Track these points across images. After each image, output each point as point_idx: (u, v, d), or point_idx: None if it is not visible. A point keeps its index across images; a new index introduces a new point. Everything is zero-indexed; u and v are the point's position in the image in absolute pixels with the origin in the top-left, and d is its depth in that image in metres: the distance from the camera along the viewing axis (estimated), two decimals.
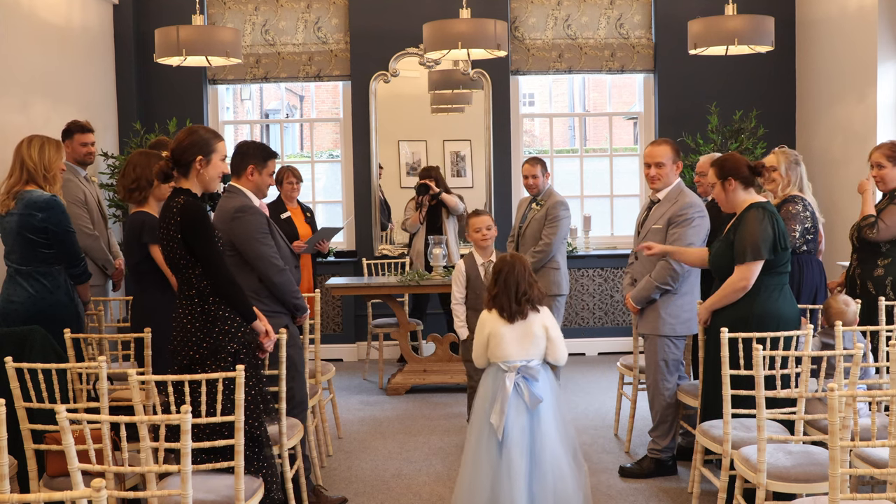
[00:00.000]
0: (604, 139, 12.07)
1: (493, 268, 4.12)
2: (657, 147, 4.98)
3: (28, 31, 6.19)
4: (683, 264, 4.74)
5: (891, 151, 5.06)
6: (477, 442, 3.97)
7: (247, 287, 4.17)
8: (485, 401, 3.99)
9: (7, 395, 3.43)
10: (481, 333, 4.04)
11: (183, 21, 6.57)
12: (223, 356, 3.57)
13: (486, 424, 3.93)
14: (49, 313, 4.55)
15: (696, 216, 4.80)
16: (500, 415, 3.89)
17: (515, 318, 3.98)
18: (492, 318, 4.03)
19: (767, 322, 4.14)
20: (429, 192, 7.30)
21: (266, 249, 4.22)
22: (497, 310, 4.02)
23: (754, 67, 7.90)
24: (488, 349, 4.02)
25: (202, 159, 3.60)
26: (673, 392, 4.89)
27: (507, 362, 3.95)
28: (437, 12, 7.19)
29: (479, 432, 3.97)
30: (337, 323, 8.18)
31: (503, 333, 3.98)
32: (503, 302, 4.00)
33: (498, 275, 4.04)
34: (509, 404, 3.89)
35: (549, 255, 6.11)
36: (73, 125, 5.85)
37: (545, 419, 3.94)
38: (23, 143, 4.71)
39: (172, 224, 3.54)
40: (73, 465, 2.65)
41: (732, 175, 4.28)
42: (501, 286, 4.01)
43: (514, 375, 3.93)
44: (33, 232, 4.56)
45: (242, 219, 4.21)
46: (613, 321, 8.20)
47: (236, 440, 3.24)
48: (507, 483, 3.84)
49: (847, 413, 3.18)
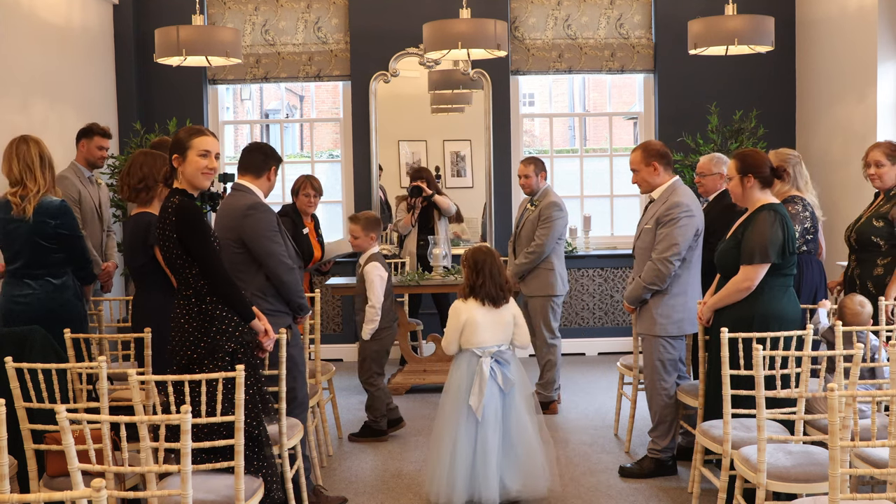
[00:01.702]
0: (604, 139, 12.07)
1: (469, 260, 4.44)
2: (632, 154, 5.02)
3: (28, 31, 6.19)
4: (670, 264, 4.72)
5: (890, 150, 5.07)
6: (456, 424, 4.28)
7: (253, 286, 4.18)
8: (459, 385, 4.33)
9: (7, 395, 3.43)
10: (457, 321, 4.37)
11: (183, 21, 6.57)
12: (220, 355, 3.57)
13: (465, 407, 4.28)
14: (59, 313, 4.53)
15: (683, 216, 4.77)
16: (479, 396, 4.25)
17: (500, 303, 4.38)
18: (468, 307, 4.38)
19: (770, 322, 4.14)
20: (421, 194, 7.30)
21: (277, 247, 4.23)
22: (480, 298, 4.37)
23: (754, 67, 7.90)
24: (462, 336, 4.36)
25: (178, 157, 3.63)
26: (671, 392, 4.89)
27: (482, 348, 4.34)
28: (437, 12, 7.18)
29: (457, 415, 4.29)
30: (337, 323, 8.17)
31: (479, 321, 4.35)
32: (490, 290, 4.37)
33: (480, 265, 4.39)
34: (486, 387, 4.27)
35: (542, 255, 6.12)
36: (96, 127, 5.88)
37: (516, 399, 4.37)
38: (21, 147, 4.55)
39: (168, 224, 3.56)
40: (73, 465, 2.65)
41: (753, 172, 4.25)
42: (486, 275, 4.37)
43: (489, 360, 4.31)
44: (46, 239, 4.53)
45: (254, 216, 4.21)
46: (613, 321, 8.20)
47: (236, 440, 3.24)
48: (483, 460, 4.25)
49: (847, 413, 3.18)
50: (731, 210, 5.05)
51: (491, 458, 4.25)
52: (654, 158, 4.92)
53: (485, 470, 4.24)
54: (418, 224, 7.41)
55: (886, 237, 5.01)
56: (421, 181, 7.34)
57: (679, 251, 4.74)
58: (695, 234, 4.81)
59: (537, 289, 6.22)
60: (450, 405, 4.35)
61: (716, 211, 5.23)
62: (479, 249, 4.48)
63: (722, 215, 5.11)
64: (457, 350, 4.42)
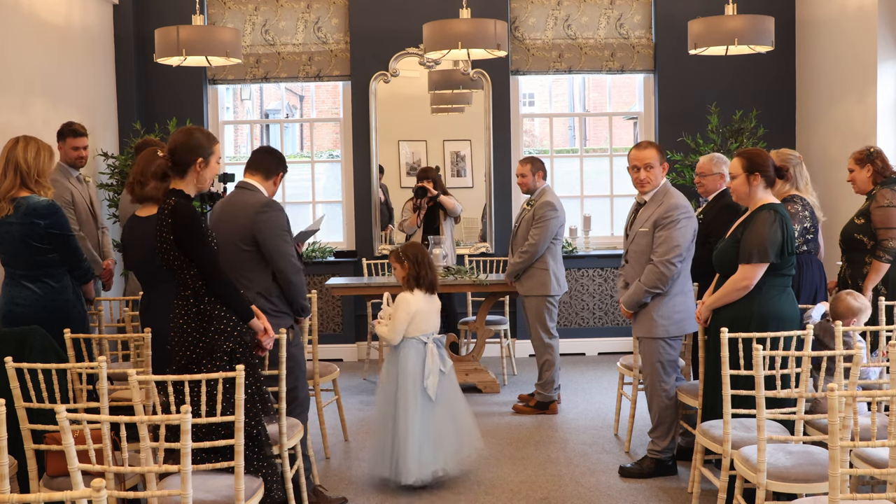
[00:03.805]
0: (604, 139, 12.07)
1: (409, 254, 4.80)
2: (644, 150, 4.88)
3: (28, 31, 6.19)
4: (673, 267, 4.72)
5: (859, 155, 5.28)
6: (414, 407, 4.65)
7: (258, 285, 4.18)
8: (411, 371, 4.70)
9: (7, 395, 3.43)
10: (407, 313, 4.72)
11: (183, 21, 6.57)
12: (219, 355, 3.58)
13: (419, 390, 4.68)
14: (59, 314, 4.53)
15: (682, 217, 4.75)
16: (434, 378, 4.70)
17: (436, 289, 4.84)
18: (416, 298, 4.77)
19: (768, 322, 4.14)
20: (427, 194, 7.30)
21: (288, 247, 4.26)
22: (423, 287, 4.78)
23: (754, 67, 7.90)
24: (410, 326, 4.72)
25: (202, 161, 3.67)
26: (671, 393, 4.89)
27: (427, 335, 4.77)
28: (437, 12, 7.19)
29: (413, 399, 4.66)
30: (337, 323, 8.18)
31: (425, 310, 4.77)
32: (432, 278, 4.82)
33: (419, 258, 4.80)
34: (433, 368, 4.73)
35: (536, 255, 6.13)
36: (66, 128, 5.85)
37: (451, 375, 4.88)
38: (17, 145, 4.55)
39: (165, 226, 3.57)
40: (73, 465, 2.65)
41: (760, 171, 4.25)
42: (426, 266, 4.80)
43: (433, 345, 4.75)
44: (37, 240, 4.51)
45: (269, 214, 4.22)
46: (613, 321, 8.20)
47: (236, 440, 3.24)
48: (440, 435, 4.71)
49: (847, 413, 3.18)
50: (730, 210, 5.06)
51: (445, 432, 4.74)
52: (665, 159, 4.93)
53: (443, 443, 4.71)
54: (424, 224, 7.40)
55: (868, 234, 5.10)
56: (427, 181, 7.33)
57: (681, 252, 4.73)
58: (693, 235, 4.81)
59: (532, 288, 6.22)
60: (402, 390, 4.70)
61: (715, 211, 5.23)
62: (412, 245, 4.93)
63: (721, 215, 5.11)
64: (401, 339, 4.75)
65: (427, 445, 4.67)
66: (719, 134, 7.59)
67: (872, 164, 5.20)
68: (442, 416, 4.75)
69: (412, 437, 4.63)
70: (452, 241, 7.50)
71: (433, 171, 7.52)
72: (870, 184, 5.23)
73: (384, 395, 4.80)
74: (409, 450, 4.62)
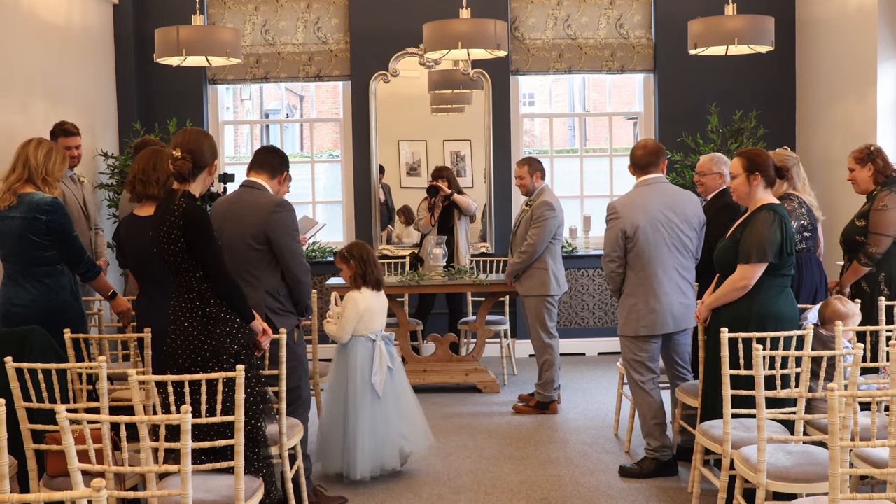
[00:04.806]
0: (604, 139, 12.07)
1: (354, 253, 4.87)
2: (651, 149, 5.02)
3: (28, 31, 6.18)
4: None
5: (859, 154, 5.24)
6: (362, 403, 4.75)
7: (266, 284, 4.20)
8: (356, 367, 4.78)
9: (7, 395, 3.43)
10: (356, 311, 4.79)
11: (183, 21, 6.56)
12: (225, 357, 3.58)
13: (367, 385, 4.77)
14: (55, 315, 4.52)
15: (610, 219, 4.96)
16: (381, 375, 4.79)
17: (382, 286, 4.91)
18: (364, 296, 4.83)
19: (767, 322, 4.14)
20: (439, 193, 7.29)
21: (300, 247, 4.31)
22: (370, 285, 4.85)
23: (754, 67, 7.90)
24: (359, 324, 4.79)
25: (217, 163, 3.79)
26: (648, 390, 4.95)
27: (375, 332, 4.85)
28: (437, 12, 7.18)
29: (361, 395, 4.76)
30: None
31: (374, 308, 4.85)
32: (378, 275, 4.89)
33: (365, 256, 4.88)
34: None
35: (534, 255, 6.15)
36: (58, 128, 5.85)
37: (400, 373, 4.98)
38: (31, 143, 4.65)
39: (174, 227, 3.55)
40: (73, 465, 2.65)
41: (760, 171, 4.25)
42: (371, 263, 4.88)
43: (381, 342, 4.83)
44: (37, 234, 4.52)
45: (283, 213, 4.24)
46: (613, 321, 8.20)
47: (236, 440, 3.24)
48: (385, 431, 4.81)
49: (847, 413, 3.18)
50: (730, 209, 5.06)
51: (393, 428, 4.85)
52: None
53: (388, 440, 4.83)
54: (438, 223, 7.40)
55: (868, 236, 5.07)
56: (441, 180, 7.33)
57: (609, 253, 4.91)
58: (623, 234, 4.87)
59: (531, 288, 6.23)
60: (352, 387, 4.78)
61: (714, 210, 5.23)
62: (356, 244, 5.00)
63: (720, 215, 5.11)
64: (350, 337, 4.82)
65: (376, 441, 4.79)
66: (719, 134, 7.59)
67: (873, 163, 5.18)
68: (390, 413, 4.85)
69: (361, 432, 4.75)
70: (468, 240, 7.51)
71: (448, 171, 7.52)
72: (871, 183, 5.20)
73: (333, 392, 4.88)
74: (357, 445, 4.74)
